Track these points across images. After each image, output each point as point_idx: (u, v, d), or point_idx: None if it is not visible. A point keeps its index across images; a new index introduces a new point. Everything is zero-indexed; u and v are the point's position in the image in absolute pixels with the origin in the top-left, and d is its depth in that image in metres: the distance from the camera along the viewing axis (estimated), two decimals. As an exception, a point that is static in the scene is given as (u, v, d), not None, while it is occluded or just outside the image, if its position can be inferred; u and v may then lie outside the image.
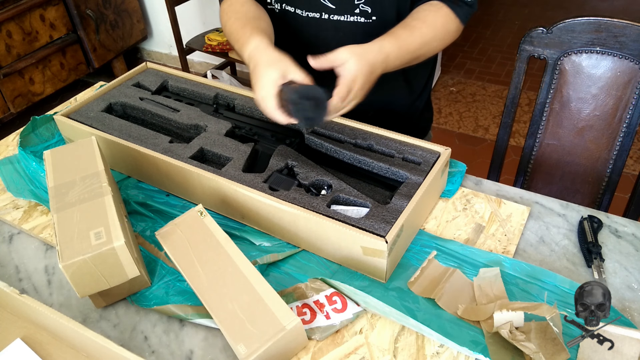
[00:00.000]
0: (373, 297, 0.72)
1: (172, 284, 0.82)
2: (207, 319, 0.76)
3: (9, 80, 2.47)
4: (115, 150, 1.00)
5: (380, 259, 0.76)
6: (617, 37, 1.07)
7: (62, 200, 0.79)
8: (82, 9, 2.68)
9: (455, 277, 0.80)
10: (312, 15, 1.00)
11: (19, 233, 0.95)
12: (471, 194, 0.96)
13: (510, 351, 0.69)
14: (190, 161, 0.92)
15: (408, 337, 0.73)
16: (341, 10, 0.98)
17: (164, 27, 3.16)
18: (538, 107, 1.20)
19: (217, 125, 1.02)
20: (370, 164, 0.91)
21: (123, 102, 1.11)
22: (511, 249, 0.85)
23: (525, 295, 0.77)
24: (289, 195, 0.84)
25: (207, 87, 1.13)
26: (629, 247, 0.84)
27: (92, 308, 0.81)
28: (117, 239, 0.72)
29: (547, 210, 0.92)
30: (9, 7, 2.36)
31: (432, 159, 0.90)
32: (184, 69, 2.69)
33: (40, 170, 1.02)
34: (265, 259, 0.83)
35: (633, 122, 1.12)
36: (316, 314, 0.75)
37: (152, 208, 0.96)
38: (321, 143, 0.96)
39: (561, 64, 1.14)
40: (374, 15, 0.98)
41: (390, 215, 0.79)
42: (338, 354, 0.72)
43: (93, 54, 2.82)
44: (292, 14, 1.02)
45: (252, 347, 0.65)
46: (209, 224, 0.81)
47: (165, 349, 0.75)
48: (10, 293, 0.71)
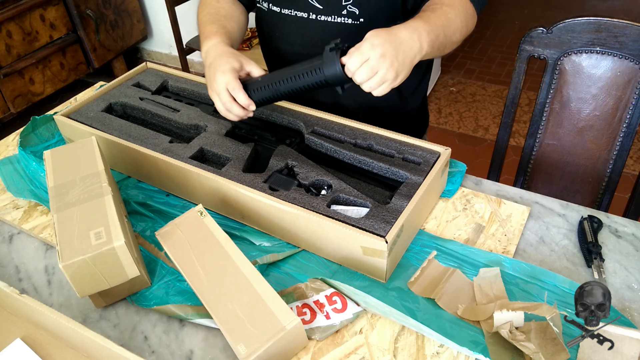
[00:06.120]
0: (373, 297, 0.72)
1: (172, 284, 0.82)
2: (207, 319, 0.76)
3: (9, 80, 2.47)
4: (115, 150, 1.00)
5: (380, 259, 0.76)
6: (617, 37, 1.07)
7: (62, 200, 0.79)
8: (82, 9, 2.68)
9: (455, 277, 0.80)
10: (300, 15, 1.00)
11: (19, 233, 0.95)
12: (471, 194, 0.96)
13: (510, 351, 0.69)
14: (190, 161, 0.92)
15: (408, 337, 0.73)
16: (328, 10, 0.98)
17: (164, 27, 3.15)
18: (538, 107, 1.20)
19: (217, 125, 1.02)
20: (370, 164, 0.91)
21: (123, 102, 1.11)
22: (511, 249, 0.85)
23: (525, 295, 0.77)
24: (289, 195, 0.84)
25: (207, 87, 1.13)
26: (629, 247, 0.84)
27: (92, 308, 0.81)
28: (117, 239, 0.72)
29: (547, 210, 0.92)
30: (9, 7, 2.36)
31: (432, 159, 0.90)
32: (184, 69, 2.69)
33: (40, 170, 1.02)
34: (265, 259, 0.83)
35: (633, 122, 1.12)
36: (316, 314, 0.75)
37: (152, 208, 0.96)
38: (321, 143, 0.96)
39: (561, 64, 1.14)
40: (362, 17, 0.97)
41: (390, 215, 0.79)
42: (338, 354, 0.72)
43: (93, 54, 2.82)
44: (278, 13, 1.02)
45: (252, 347, 0.66)
46: (209, 224, 0.81)
47: (165, 349, 0.75)
48: (10, 293, 0.71)
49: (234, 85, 0.85)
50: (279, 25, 1.05)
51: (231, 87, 0.86)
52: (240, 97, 0.85)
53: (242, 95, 0.86)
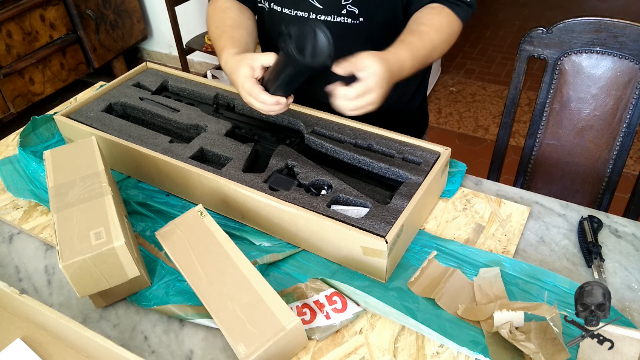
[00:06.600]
0: (373, 297, 0.72)
1: (172, 284, 0.82)
2: (207, 319, 0.76)
3: (9, 80, 2.47)
4: (115, 150, 1.00)
5: (380, 259, 0.76)
6: (617, 37, 1.07)
7: (62, 200, 0.79)
8: (82, 9, 2.68)
9: (455, 277, 0.80)
10: (300, 14, 1.00)
11: (19, 233, 0.95)
12: (471, 194, 0.96)
13: (510, 351, 0.69)
14: (190, 161, 0.92)
15: (408, 337, 0.73)
16: (328, 10, 0.98)
17: (164, 27, 3.15)
18: (538, 107, 1.20)
19: (217, 125, 1.02)
20: (370, 164, 0.91)
21: (123, 102, 1.11)
22: (511, 249, 0.85)
23: (525, 295, 0.77)
24: (289, 195, 0.84)
25: (207, 87, 1.13)
26: (629, 247, 0.84)
27: (92, 308, 0.81)
28: (117, 239, 0.72)
29: (547, 210, 0.92)
30: (9, 7, 2.36)
31: (432, 159, 0.90)
32: (184, 69, 2.69)
33: (40, 170, 1.02)
34: (265, 259, 0.83)
35: (633, 122, 1.12)
36: (316, 314, 0.75)
37: (152, 208, 0.96)
38: (321, 143, 0.96)
39: (561, 64, 1.14)
40: (361, 17, 0.98)
41: (390, 215, 0.79)
42: (338, 354, 0.72)
43: (93, 54, 2.82)
44: (279, 13, 1.03)
45: (252, 347, 0.66)
46: (209, 224, 0.81)
47: (165, 349, 0.75)
48: (10, 293, 0.71)
49: (255, 92, 0.86)
50: (279, 25, 1.05)
51: (254, 95, 0.86)
52: (265, 99, 0.85)
53: (266, 97, 0.85)
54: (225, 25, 1.02)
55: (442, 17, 0.95)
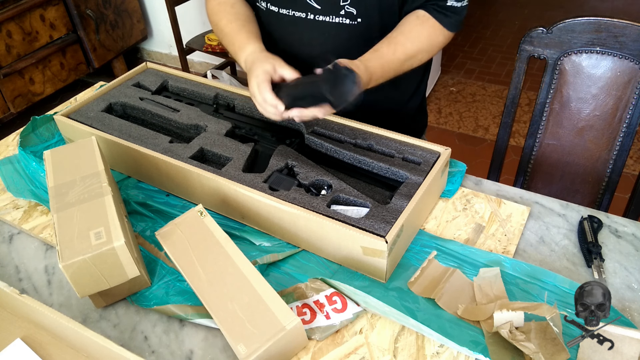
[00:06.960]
0: (373, 297, 0.72)
1: (172, 284, 0.82)
2: (207, 319, 0.76)
3: (9, 80, 2.47)
4: (115, 150, 1.00)
5: (380, 259, 0.76)
6: (617, 37, 1.07)
7: (62, 200, 0.79)
8: (82, 9, 2.68)
9: (455, 277, 0.80)
10: (298, 15, 1.00)
11: (19, 233, 0.95)
12: (471, 194, 0.96)
13: (510, 351, 0.69)
14: (190, 161, 0.92)
15: (408, 337, 0.73)
16: (326, 11, 0.98)
17: (164, 27, 3.15)
18: (538, 107, 1.20)
19: (217, 125, 1.02)
20: (370, 164, 0.91)
21: (123, 102, 1.11)
22: (511, 249, 0.85)
23: (525, 295, 0.77)
24: (289, 195, 0.84)
25: (207, 87, 1.13)
26: (629, 247, 0.84)
27: (92, 308, 0.81)
28: (117, 239, 0.72)
29: (547, 210, 0.92)
30: (9, 7, 2.36)
31: (432, 159, 0.90)
32: (184, 69, 2.69)
33: (40, 170, 1.02)
34: (265, 259, 0.83)
35: (633, 122, 1.12)
36: (316, 314, 0.75)
37: (152, 208, 0.96)
38: (321, 143, 0.96)
39: (561, 64, 1.14)
40: (359, 17, 0.98)
41: (390, 215, 0.79)
42: (338, 354, 0.72)
43: (93, 54, 2.82)
44: (276, 13, 1.03)
45: (252, 347, 0.66)
46: (209, 224, 0.81)
47: (165, 349, 0.75)
48: (10, 293, 0.71)
49: (263, 86, 0.86)
50: (276, 25, 1.05)
51: (261, 89, 0.86)
52: (267, 96, 0.86)
53: (269, 94, 0.86)
54: (240, 21, 1.02)
55: (424, 27, 0.95)
